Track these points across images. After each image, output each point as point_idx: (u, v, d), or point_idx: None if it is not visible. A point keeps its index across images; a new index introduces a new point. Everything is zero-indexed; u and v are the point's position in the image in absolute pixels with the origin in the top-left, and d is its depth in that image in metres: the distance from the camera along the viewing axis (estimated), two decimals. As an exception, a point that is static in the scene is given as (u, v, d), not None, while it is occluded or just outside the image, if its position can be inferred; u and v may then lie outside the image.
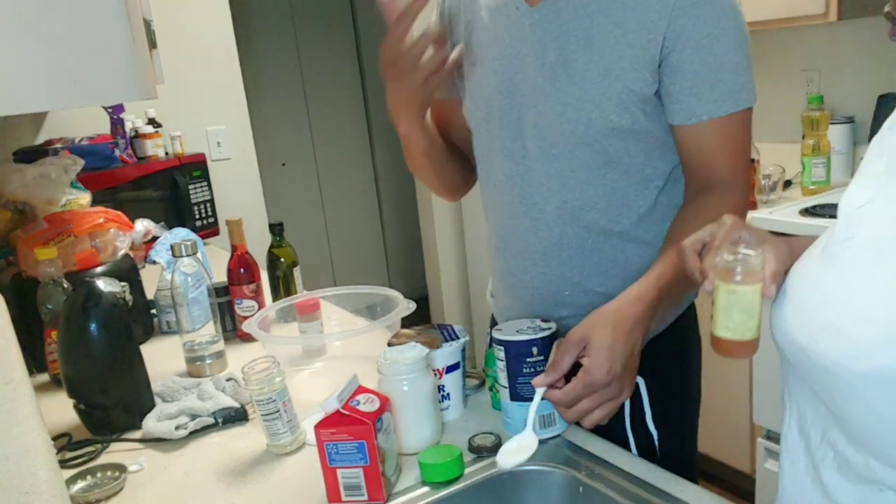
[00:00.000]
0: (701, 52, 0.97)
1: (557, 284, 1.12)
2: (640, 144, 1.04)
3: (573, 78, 1.02)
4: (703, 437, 1.31)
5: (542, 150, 1.07)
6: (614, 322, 0.91)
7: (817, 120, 2.37)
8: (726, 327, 0.74)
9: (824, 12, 2.21)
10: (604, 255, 1.09)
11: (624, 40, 0.98)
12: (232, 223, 1.52)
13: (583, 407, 0.90)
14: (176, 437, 1.13)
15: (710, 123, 1.00)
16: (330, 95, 4.50)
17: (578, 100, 1.02)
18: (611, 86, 1.00)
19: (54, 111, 2.55)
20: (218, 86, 2.89)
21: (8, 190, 1.67)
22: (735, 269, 0.71)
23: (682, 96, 1.00)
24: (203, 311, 1.37)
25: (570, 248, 1.09)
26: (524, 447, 0.89)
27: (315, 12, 4.39)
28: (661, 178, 1.07)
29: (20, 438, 0.66)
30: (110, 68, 0.84)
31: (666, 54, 0.98)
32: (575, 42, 1.01)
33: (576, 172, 1.06)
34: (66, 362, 1.17)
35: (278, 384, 1.04)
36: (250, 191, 3.03)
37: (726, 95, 0.99)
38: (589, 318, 0.94)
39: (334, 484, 0.91)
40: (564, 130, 1.04)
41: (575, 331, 0.92)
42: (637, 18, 0.97)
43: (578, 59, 1.01)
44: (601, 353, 0.89)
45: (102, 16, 0.82)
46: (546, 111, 1.05)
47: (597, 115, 1.01)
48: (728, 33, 0.98)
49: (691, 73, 0.98)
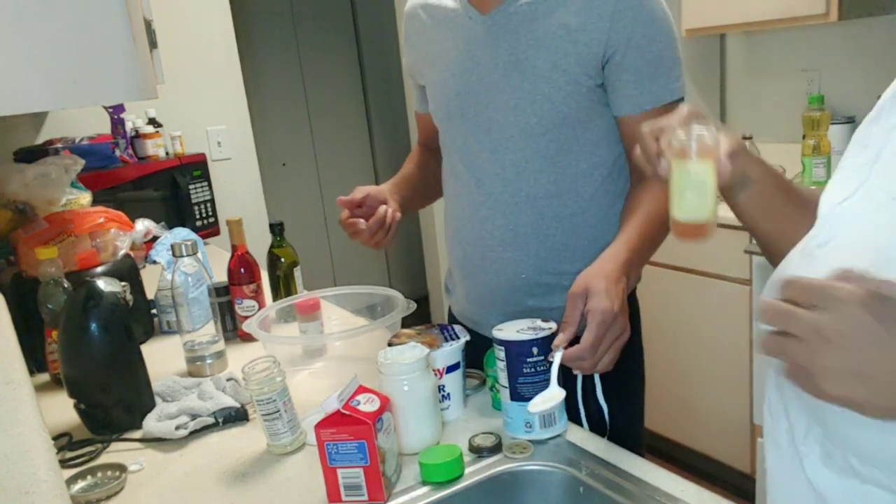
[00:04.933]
0: (641, 50, 1.09)
1: (514, 268, 1.21)
2: (587, 135, 1.15)
3: (524, 74, 1.13)
4: (702, 437, 1.32)
5: (499, 143, 1.17)
6: (604, 273, 1.01)
7: (818, 120, 2.37)
8: (680, 208, 0.75)
9: (825, 12, 2.21)
10: (556, 239, 1.19)
11: (568, 39, 1.10)
12: (232, 223, 1.52)
13: (601, 350, 0.96)
14: (176, 437, 1.13)
15: (651, 113, 1.09)
16: (330, 95, 4.50)
17: (530, 94, 1.13)
18: (559, 79, 1.11)
19: (54, 111, 2.55)
20: (218, 86, 2.89)
21: (8, 190, 1.67)
22: (689, 147, 0.72)
23: (626, 90, 1.12)
24: (203, 311, 1.37)
25: (526, 233, 1.19)
26: (550, 398, 0.95)
27: (315, 12, 4.38)
28: (605, 167, 1.18)
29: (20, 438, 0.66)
30: (110, 68, 0.84)
31: (611, 53, 1.10)
32: (524, 42, 1.12)
33: (529, 163, 1.16)
34: (67, 362, 1.17)
35: (278, 384, 1.04)
36: (250, 191, 3.03)
37: (663, 88, 1.12)
38: (581, 276, 1.02)
39: (334, 484, 0.91)
40: (519, 122, 1.15)
41: (575, 286, 1.00)
42: (579, 20, 1.09)
43: (529, 58, 1.12)
44: (602, 294, 0.97)
45: (103, 16, 0.82)
46: (501, 105, 1.15)
47: (548, 107, 1.12)
48: (663, 33, 1.11)
49: (633, 69, 1.10)
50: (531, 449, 0.99)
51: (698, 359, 2.56)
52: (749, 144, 2.60)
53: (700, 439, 2.59)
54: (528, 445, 1.00)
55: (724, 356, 2.45)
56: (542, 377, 0.99)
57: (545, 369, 0.99)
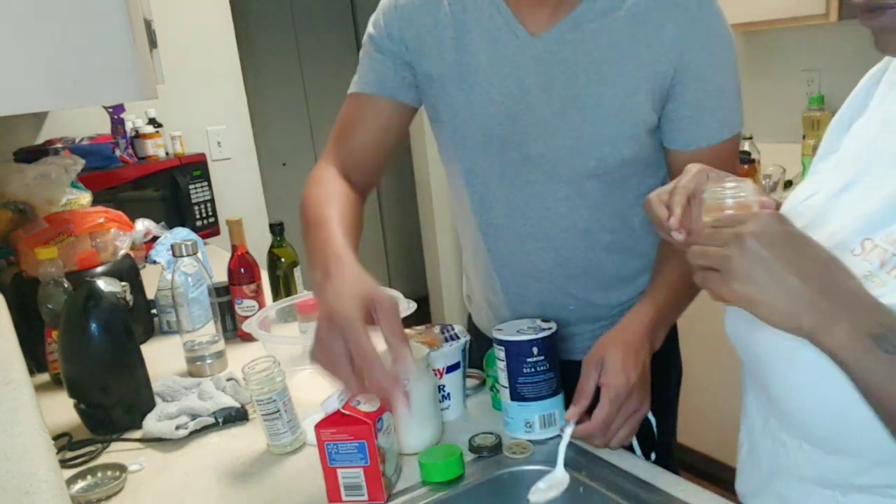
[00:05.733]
0: (703, 82, 0.98)
1: (563, 300, 1.14)
2: (639, 167, 1.06)
3: (585, 113, 1.00)
4: (702, 437, 1.32)
5: (550, 178, 1.06)
6: (623, 342, 0.94)
7: (818, 120, 2.38)
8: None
9: (825, 12, 2.21)
10: (605, 270, 1.12)
11: (639, 74, 0.98)
12: (232, 223, 1.52)
13: (613, 427, 0.92)
14: (176, 437, 1.13)
15: (707, 150, 1.01)
16: (330, 95, 4.49)
17: (591, 136, 1.01)
18: (625, 121, 1.00)
19: (54, 111, 2.55)
20: (218, 86, 2.89)
21: (8, 190, 1.67)
22: (725, 202, 0.69)
23: (683, 124, 1.01)
24: (203, 310, 1.37)
25: (577, 266, 1.11)
26: (555, 484, 0.88)
27: (315, 12, 4.39)
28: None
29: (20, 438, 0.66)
30: (110, 68, 0.84)
31: (673, 84, 0.99)
32: (585, 77, 0.99)
33: (583, 198, 1.06)
34: (67, 362, 1.17)
35: (278, 384, 1.04)
36: (250, 191, 3.03)
37: (723, 122, 1.01)
38: (598, 342, 0.96)
39: (335, 484, 0.91)
40: (576, 164, 1.04)
41: (589, 356, 0.95)
42: (651, 52, 0.97)
43: (591, 95, 0.99)
44: (618, 367, 0.91)
45: (102, 16, 0.82)
46: (555, 144, 1.03)
47: (609, 150, 1.01)
48: (728, 63, 1.00)
49: (693, 101, 0.99)
50: (531, 449, 0.99)
51: (698, 358, 2.56)
52: (749, 144, 2.60)
53: (700, 439, 2.59)
54: (528, 445, 1.00)
55: (724, 356, 2.45)
56: (542, 377, 0.99)
57: (546, 369, 0.98)
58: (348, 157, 1.11)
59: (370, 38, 1.11)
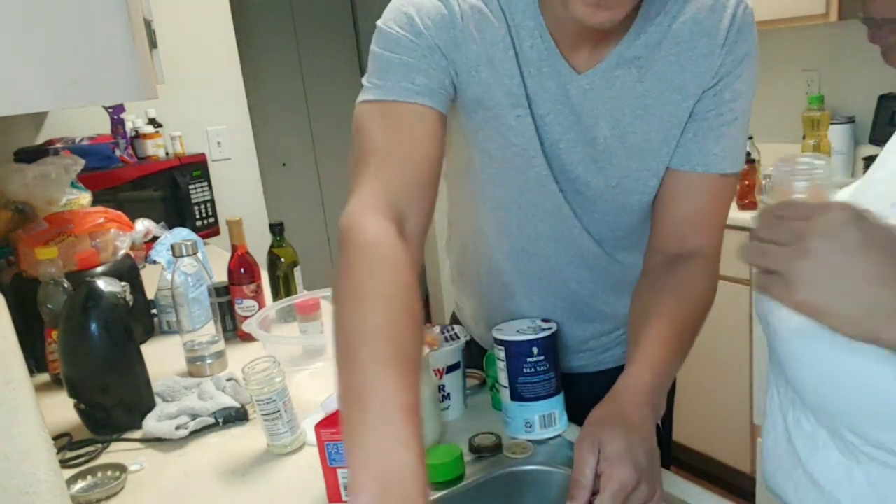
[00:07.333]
0: (720, 106, 0.93)
1: (601, 326, 1.15)
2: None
3: (631, 150, 0.96)
4: (703, 437, 1.31)
5: (590, 206, 1.01)
6: (622, 420, 0.80)
7: (818, 120, 2.37)
8: None
9: (825, 12, 2.21)
10: (627, 280, 1.06)
11: (684, 105, 0.93)
12: (232, 223, 1.52)
13: None
14: (176, 437, 1.13)
15: (702, 177, 0.95)
16: (330, 95, 4.50)
17: (637, 171, 0.97)
18: (669, 151, 0.96)
19: (54, 111, 2.55)
20: (218, 86, 2.89)
21: (8, 190, 1.67)
22: (794, 184, 0.59)
23: (686, 137, 0.95)
24: (203, 311, 1.37)
25: (603, 284, 1.10)
26: None
27: (315, 12, 4.39)
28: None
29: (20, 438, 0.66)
30: (110, 68, 0.84)
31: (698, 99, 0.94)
32: (630, 113, 0.94)
33: (620, 229, 1.04)
34: (67, 362, 1.17)
35: (278, 384, 1.04)
36: (250, 191, 3.03)
37: (725, 152, 0.94)
38: (592, 418, 0.82)
39: (335, 484, 0.91)
40: (617, 198, 1.00)
41: (582, 436, 0.80)
42: (696, 81, 0.92)
43: (637, 131, 0.94)
44: (621, 454, 0.76)
45: (102, 16, 0.82)
46: (599, 177, 0.98)
47: (654, 183, 0.98)
48: (749, 94, 0.95)
49: (703, 121, 0.94)
50: (531, 449, 0.99)
51: (698, 359, 2.56)
52: (749, 144, 2.60)
53: (700, 439, 2.59)
54: (528, 445, 1.00)
55: (724, 356, 2.45)
56: (542, 377, 0.99)
57: (546, 369, 0.99)
58: (402, 187, 0.84)
59: (409, 41, 0.88)
